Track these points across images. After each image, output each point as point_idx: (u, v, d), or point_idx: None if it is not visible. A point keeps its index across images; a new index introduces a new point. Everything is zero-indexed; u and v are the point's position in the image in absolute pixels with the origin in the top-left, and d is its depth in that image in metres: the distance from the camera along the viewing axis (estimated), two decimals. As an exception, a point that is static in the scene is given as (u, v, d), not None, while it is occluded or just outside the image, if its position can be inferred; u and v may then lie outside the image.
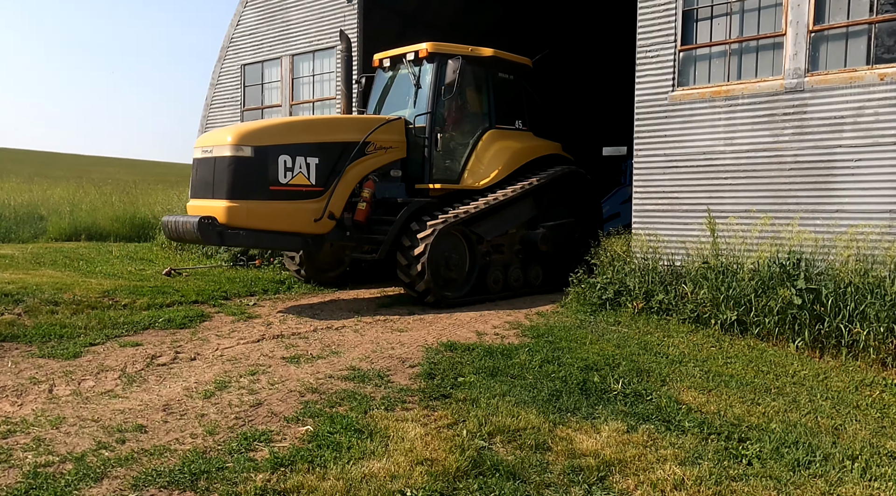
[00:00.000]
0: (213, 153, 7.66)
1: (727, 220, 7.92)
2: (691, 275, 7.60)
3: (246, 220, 7.54)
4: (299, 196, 7.90)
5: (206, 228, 7.32)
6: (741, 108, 8.08)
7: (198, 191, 7.95)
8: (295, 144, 7.81)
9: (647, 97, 8.79)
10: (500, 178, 9.36)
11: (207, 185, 7.70)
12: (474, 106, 9.50)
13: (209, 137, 8.03)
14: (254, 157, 7.51)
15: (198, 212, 7.68)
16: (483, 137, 9.45)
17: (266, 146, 7.60)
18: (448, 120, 9.10)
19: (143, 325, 7.25)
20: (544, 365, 5.45)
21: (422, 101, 9.06)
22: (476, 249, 8.77)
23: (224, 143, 7.55)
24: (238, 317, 7.86)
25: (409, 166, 9.04)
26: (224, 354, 6.04)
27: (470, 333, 6.88)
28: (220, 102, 14.29)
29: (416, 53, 9.05)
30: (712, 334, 6.97)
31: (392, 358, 5.79)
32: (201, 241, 7.60)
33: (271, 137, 7.73)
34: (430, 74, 8.98)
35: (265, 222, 7.71)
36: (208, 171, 7.70)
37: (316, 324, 7.32)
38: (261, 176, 7.60)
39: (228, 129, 7.91)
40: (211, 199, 7.62)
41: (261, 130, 7.82)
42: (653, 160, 8.77)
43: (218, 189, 7.54)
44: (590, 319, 7.42)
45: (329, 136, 8.21)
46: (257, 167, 7.57)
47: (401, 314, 8.06)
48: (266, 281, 10.21)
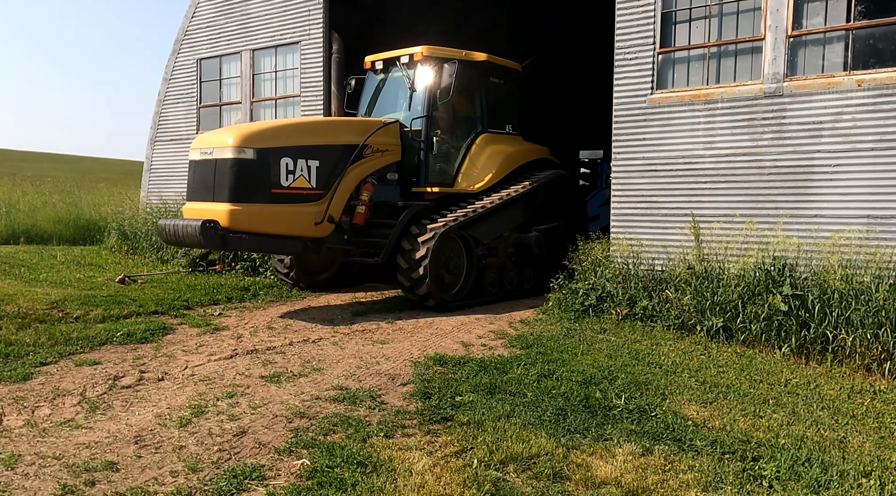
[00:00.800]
0: (214, 155, 7.44)
1: (711, 224, 7.87)
2: (675, 280, 7.51)
3: (248, 224, 7.38)
4: (300, 199, 7.77)
5: (209, 232, 7.10)
6: (721, 111, 8.04)
7: (196, 193, 7.70)
8: (296, 147, 7.68)
9: (626, 100, 8.68)
10: (493, 181, 9.35)
11: (207, 188, 7.48)
12: (467, 110, 9.50)
13: (208, 139, 7.80)
14: (256, 159, 7.36)
15: (197, 215, 7.43)
16: (476, 141, 9.45)
17: (268, 148, 7.45)
18: (443, 123, 9.10)
19: (99, 341, 6.69)
20: (542, 380, 5.22)
21: (417, 105, 9.04)
22: (473, 253, 8.77)
23: (226, 145, 7.36)
24: (204, 329, 7.36)
25: (403, 169, 8.98)
26: (195, 373, 5.58)
27: (455, 344, 6.59)
28: (174, 98, 13.58)
29: (410, 56, 9.03)
30: (699, 341, 6.89)
31: (380, 374, 5.45)
32: (203, 245, 7.32)
33: (273, 139, 7.58)
34: (425, 78, 8.96)
35: (267, 226, 7.56)
36: (208, 173, 7.47)
37: (291, 337, 6.91)
38: (263, 178, 7.45)
39: (229, 131, 7.72)
40: (211, 201, 7.41)
41: (263, 132, 7.65)
42: (632, 163, 8.66)
43: (219, 192, 7.34)
44: (575, 327, 7.24)
45: (329, 139, 8.10)
46: (260, 170, 7.41)
47: (378, 323, 7.72)
48: (229, 288, 9.69)
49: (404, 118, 9.07)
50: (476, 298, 8.80)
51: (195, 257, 11.04)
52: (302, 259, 9.24)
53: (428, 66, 8.99)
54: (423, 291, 7.98)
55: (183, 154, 13.41)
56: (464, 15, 15.60)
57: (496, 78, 9.81)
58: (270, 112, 12.24)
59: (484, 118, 9.68)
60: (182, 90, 13.48)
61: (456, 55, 9.08)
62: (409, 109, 9.13)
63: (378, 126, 8.60)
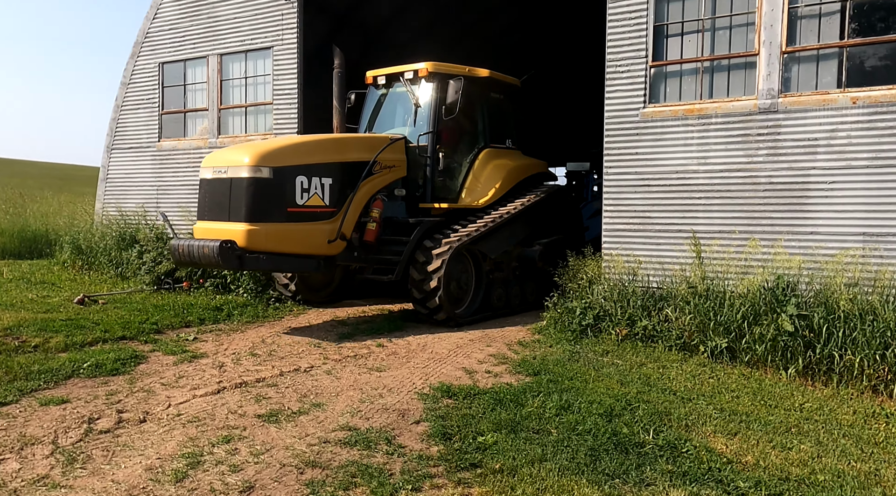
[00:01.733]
0: (229, 174, 7.35)
1: (707, 242, 7.74)
2: (675, 299, 7.34)
3: (265, 244, 7.30)
4: (314, 217, 7.73)
5: (227, 253, 6.99)
6: (715, 127, 7.94)
7: (209, 212, 7.58)
8: (311, 165, 7.65)
9: (618, 113, 8.51)
10: (497, 196, 9.36)
11: (222, 207, 7.37)
12: (470, 125, 9.52)
13: (222, 157, 7.68)
14: (272, 178, 7.30)
15: (210, 235, 7.33)
16: (479, 156, 9.47)
17: (284, 167, 7.40)
18: (447, 139, 9.11)
19: (64, 374, 6.09)
20: (562, 413, 4.92)
21: (422, 121, 9.03)
22: (482, 268, 8.77)
23: (241, 164, 7.29)
24: (180, 357, 6.81)
25: (408, 185, 8.97)
26: (181, 412, 5.07)
27: (458, 372, 6.24)
28: (134, 103, 12.82)
29: (415, 72, 9.04)
30: (703, 362, 6.72)
31: (387, 410, 5.06)
32: (221, 266, 7.18)
33: (289, 158, 7.52)
34: (430, 94, 8.98)
35: (283, 245, 7.48)
36: (222, 192, 7.38)
37: (279, 365, 6.43)
38: (279, 197, 7.39)
39: (244, 149, 7.63)
40: (226, 221, 7.31)
41: (279, 151, 7.56)
42: (624, 178, 8.49)
43: (235, 211, 7.25)
44: (576, 350, 6.98)
45: (342, 156, 8.08)
46: (276, 188, 7.35)
47: (368, 346, 7.30)
48: (200, 308, 9.09)
49: (409, 134, 9.04)
50: (483, 313, 8.77)
51: (160, 274, 10.37)
52: (305, 276, 9.08)
53: (433, 82, 9.00)
54: (434, 304, 7.93)
55: (144, 162, 12.68)
56: (433, 23, 15.31)
57: (497, 93, 9.83)
58: (240, 120, 11.66)
59: (486, 133, 9.70)
60: (142, 95, 12.74)
61: (459, 71, 9.09)
62: (415, 125, 9.08)
63: (387, 142, 8.56)
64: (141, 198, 12.64)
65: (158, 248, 10.72)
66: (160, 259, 10.53)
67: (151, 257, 10.61)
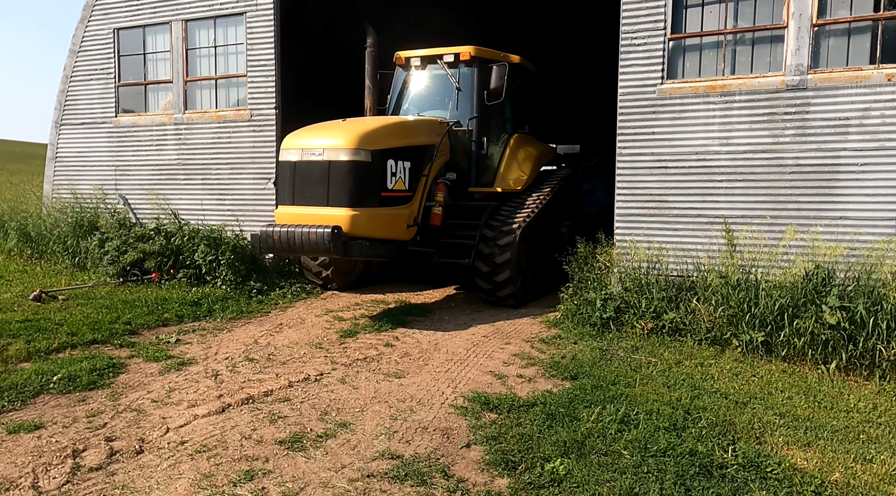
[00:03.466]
0: (325, 157, 7.13)
1: (734, 228, 7.30)
2: (702, 289, 6.90)
3: (365, 229, 7.17)
4: (398, 202, 7.65)
5: (337, 239, 6.78)
6: (738, 105, 7.48)
7: (302, 197, 7.30)
8: (398, 148, 7.54)
9: (633, 90, 7.96)
10: (530, 181, 9.41)
11: (317, 192, 7.15)
12: (502, 111, 9.48)
13: (313, 138, 7.38)
14: (371, 161, 7.17)
15: (306, 220, 7.07)
16: (510, 142, 9.48)
17: (380, 150, 7.27)
18: (489, 124, 9.16)
19: (32, 390, 5.25)
20: (624, 429, 4.39)
21: (465, 105, 8.97)
22: (530, 251, 8.81)
23: (340, 147, 7.11)
24: (164, 364, 6.01)
25: (451, 169, 8.87)
26: (184, 439, 4.32)
27: (485, 376, 5.65)
28: (85, 74, 11.58)
29: (456, 56, 8.93)
30: (738, 358, 6.31)
31: (427, 430, 4.42)
32: (331, 252, 6.95)
33: (382, 141, 7.39)
34: (474, 78, 8.91)
35: (377, 230, 7.37)
36: (317, 175, 7.16)
37: (283, 374, 5.70)
38: (376, 182, 7.29)
39: (337, 131, 7.40)
40: (324, 206, 7.11)
41: (373, 133, 7.38)
42: (639, 159, 7.98)
43: (336, 196, 7.07)
44: (604, 347, 6.47)
45: (415, 139, 7.97)
46: (374, 173, 7.24)
47: (375, 345, 6.63)
48: (176, 303, 8.22)
49: (448, 117, 8.95)
50: (534, 293, 8.85)
51: (126, 265, 9.38)
52: (338, 260, 8.90)
53: (476, 67, 8.92)
54: (505, 293, 8.07)
55: (99, 140, 11.51)
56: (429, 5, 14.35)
57: (520, 79, 9.76)
58: (209, 93, 10.63)
59: (513, 119, 9.75)
60: (95, 65, 11.50)
61: (496, 56, 9.11)
62: (457, 109, 8.98)
63: (448, 126, 8.56)
64: (97, 179, 11.50)
65: (123, 236, 9.71)
66: (125, 248, 9.53)
67: (115, 246, 9.59)
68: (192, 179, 10.70)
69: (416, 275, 10.37)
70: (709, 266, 7.18)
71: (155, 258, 9.43)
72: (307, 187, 7.27)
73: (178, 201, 10.70)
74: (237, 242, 9.48)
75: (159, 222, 10.17)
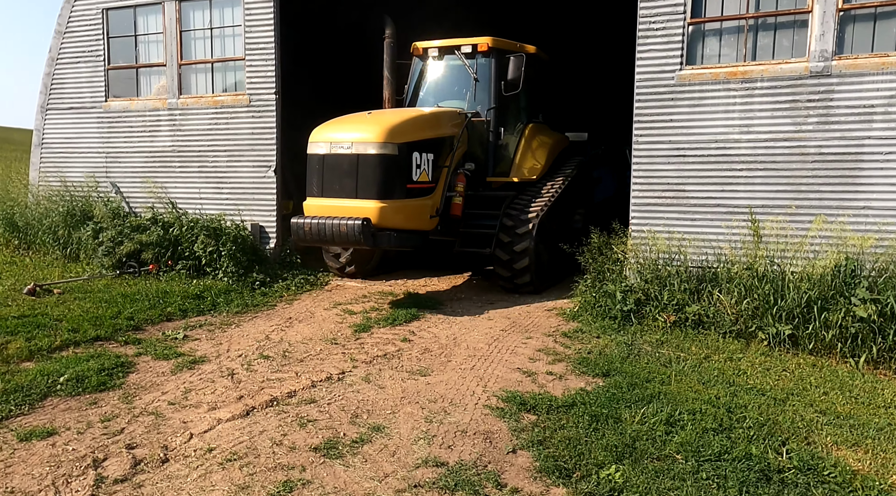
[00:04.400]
0: (353, 150, 7.27)
1: (761, 219, 7.15)
2: (725, 281, 6.76)
3: (392, 220, 7.33)
4: (422, 193, 7.79)
5: (367, 231, 6.94)
6: (760, 92, 7.30)
7: (330, 189, 7.43)
8: (422, 140, 7.69)
9: (651, 76, 7.75)
10: (545, 170, 9.44)
11: (346, 184, 7.29)
12: (518, 101, 9.48)
13: (341, 131, 7.52)
14: (398, 154, 7.32)
15: (335, 212, 7.22)
16: (525, 131, 9.52)
17: (406, 143, 7.43)
18: (506, 114, 9.23)
19: (39, 392, 4.97)
20: (672, 431, 4.23)
21: (482, 95, 9.03)
22: (546, 239, 8.78)
23: (369, 140, 7.25)
24: (175, 362, 5.74)
25: (469, 160, 8.90)
26: (212, 446, 4.08)
27: (513, 373, 5.45)
28: (73, 56, 11.10)
29: (473, 47, 8.96)
30: (764, 351, 6.17)
31: (466, 434, 4.22)
32: (361, 244, 7.11)
33: (408, 134, 7.53)
34: (492, 69, 8.97)
35: (403, 221, 7.53)
36: (346, 168, 7.30)
37: (303, 372, 5.46)
38: (402, 174, 7.44)
39: (368, 123, 7.55)
40: (354, 198, 7.25)
41: (400, 126, 7.55)
42: (656, 147, 7.79)
43: (365, 188, 7.22)
44: (629, 341, 6.31)
45: (439, 131, 8.09)
46: (401, 165, 7.39)
47: (392, 340, 6.41)
48: (178, 296, 7.92)
49: (469, 108, 9.00)
50: (550, 280, 8.92)
51: (122, 256, 9.03)
52: (359, 250, 9.00)
53: (494, 58, 8.96)
54: (526, 280, 8.16)
55: (89, 126, 11.07)
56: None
57: (534, 69, 9.70)
58: (205, 78, 10.23)
59: (528, 109, 9.77)
60: (82, 47, 11.02)
61: (513, 47, 9.11)
62: (474, 99, 9.05)
63: (468, 117, 8.63)
64: (87, 166, 11.06)
65: (118, 226, 9.35)
66: (121, 239, 9.17)
67: (110, 236, 9.23)
68: (188, 167, 10.33)
69: (429, 262, 10.25)
70: (730, 257, 7.04)
71: (152, 249, 9.09)
72: (336, 179, 7.40)
73: (174, 190, 10.32)
74: (238, 233, 9.17)
75: (155, 212, 9.81)
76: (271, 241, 9.78)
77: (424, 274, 9.77)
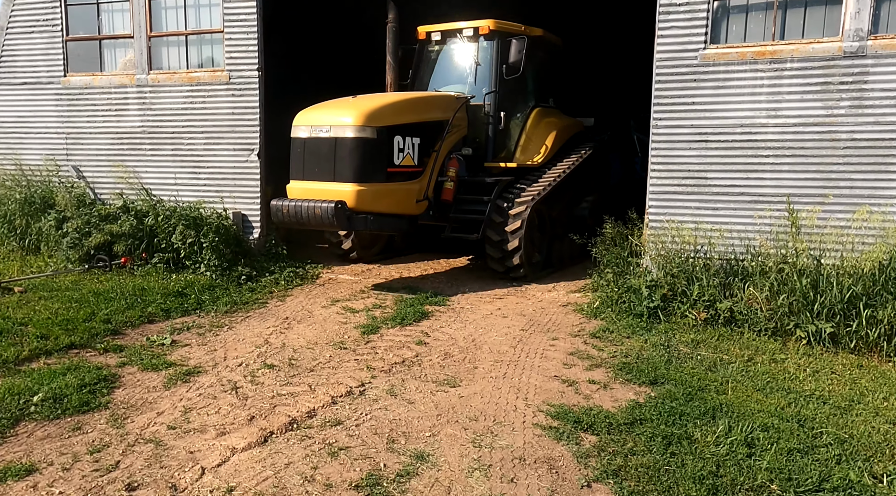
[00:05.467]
0: (331, 133, 7.29)
1: (782, 207, 6.78)
2: (761, 275, 6.36)
3: (370, 204, 7.32)
4: (406, 177, 7.75)
5: (341, 214, 6.96)
6: (790, 73, 6.89)
7: (308, 172, 7.46)
8: (405, 124, 7.62)
9: (672, 56, 7.25)
10: (551, 155, 9.25)
11: (324, 167, 7.31)
12: (523, 85, 9.30)
13: (321, 115, 7.53)
14: (377, 138, 7.29)
15: (313, 195, 7.24)
16: (531, 116, 9.33)
17: (386, 126, 7.39)
18: (507, 98, 9.01)
19: (10, 417, 4.29)
20: (753, 454, 3.77)
21: (483, 79, 8.87)
22: (545, 225, 8.82)
23: (346, 124, 7.25)
24: (167, 373, 5.06)
25: (468, 144, 8.80)
26: (230, 484, 3.44)
27: (551, 382, 4.94)
28: (25, 26, 10.03)
29: (475, 30, 8.81)
30: (805, 351, 5.79)
31: (524, 461, 3.68)
32: (335, 227, 7.24)
33: (388, 117, 7.49)
34: (493, 52, 8.79)
35: (383, 205, 7.50)
36: (325, 151, 7.33)
37: (317, 385, 4.84)
38: (381, 157, 7.41)
39: (344, 108, 7.51)
40: (331, 181, 7.27)
41: (380, 110, 7.49)
42: (677, 132, 7.33)
43: (341, 172, 7.22)
44: (663, 341, 5.86)
45: (427, 115, 8.03)
46: (379, 148, 7.35)
47: (407, 344, 5.82)
48: (158, 293, 7.16)
49: (470, 92, 8.87)
50: (547, 268, 8.86)
51: (90, 248, 8.17)
52: (361, 235, 9.04)
53: (493, 40, 8.78)
54: (515, 262, 7.98)
55: (45, 103, 10.05)
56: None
57: (543, 52, 9.58)
58: (178, 52, 9.33)
59: (535, 93, 9.59)
60: (36, 15, 9.96)
61: (518, 30, 8.88)
62: (476, 83, 8.88)
63: (463, 102, 8.49)
64: (44, 148, 10.05)
65: (84, 215, 8.48)
66: (88, 229, 8.32)
67: (76, 227, 8.36)
68: (161, 150, 9.45)
69: (436, 246, 9.85)
70: (760, 248, 6.65)
71: (125, 241, 8.28)
72: (315, 163, 7.42)
73: (146, 175, 9.45)
74: (221, 222, 8.41)
75: (126, 199, 8.94)
76: (255, 231, 9.03)
77: (425, 258, 9.60)
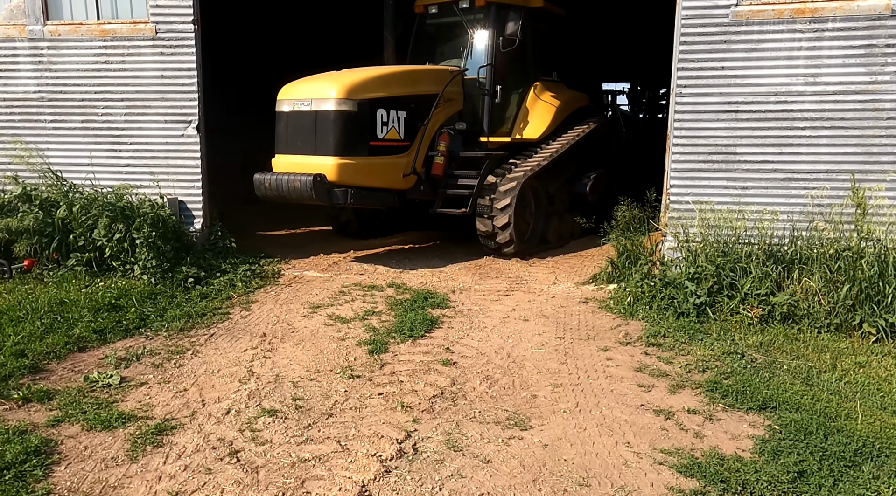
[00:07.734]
0: (313, 106, 7.20)
1: (822, 185, 6.09)
2: (820, 264, 5.64)
3: (352, 178, 7.19)
4: (391, 151, 7.60)
5: (320, 187, 6.88)
6: (831, 34, 6.16)
7: (292, 146, 7.34)
8: (389, 97, 7.48)
9: (700, 13, 6.35)
10: (550, 130, 8.93)
11: (305, 141, 7.21)
12: (522, 58, 8.99)
13: (303, 88, 7.39)
14: (357, 111, 7.16)
15: (295, 168, 7.14)
16: (531, 90, 9.06)
17: (368, 99, 7.26)
18: (502, 72, 8.70)
19: None
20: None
21: (479, 53, 8.70)
22: (541, 201, 8.61)
23: (327, 97, 7.14)
24: (128, 433, 3.68)
25: (463, 119, 8.54)
26: None
27: (642, 414, 3.93)
28: None
29: (471, 2, 8.55)
30: (874, 349, 5.13)
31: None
32: (314, 200, 7.03)
33: (371, 90, 7.34)
34: (488, 25, 8.56)
35: (366, 179, 7.39)
36: (307, 125, 7.22)
37: (348, 440, 3.58)
38: (363, 131, 7.27)
39: (325, 81, 7.39)
40: (312, 155, 7.17)
41: (362, 83, 7.33)
42: (703, 101, 6.48)
43: (322, 145, 7.12)
44: (731, 348, 4.99)
45: (414, 89, 7.84)
46: (360, 122, 7.22)
47: (429, 366, 4.63)
48: (84, 308, 5.59)
49: (465, 66, 8.66)
50: (541, 244, 8.65)
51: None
52: (360, 210, 8.94)
53: (489, 13, 8.53)
54: (504, 239, 7.78)
55: None
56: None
57: (545, 24, 9.32)
58: None
59: (536, 66, 9.30)
60: None
61: (516, 1, 8.57)
62: (471, 57, 8.72)
63: (454, 75, 8.27)
64: None
65: (-30, 207, 6.60)
66: (-23, 224, 6.47)
67: (-41, 222, 6.48)
68: (67, 122, 7.58)
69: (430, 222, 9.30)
70: (812, 232, 5.94)
71: (28, 239, 6.53)
72: (297, 136, 7.25)
73: (50, 153, 7.55)
74: (157, 212, 6.79)
75: (25, 185, 7.09)
76: (196, 222, 7.46)
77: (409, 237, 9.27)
